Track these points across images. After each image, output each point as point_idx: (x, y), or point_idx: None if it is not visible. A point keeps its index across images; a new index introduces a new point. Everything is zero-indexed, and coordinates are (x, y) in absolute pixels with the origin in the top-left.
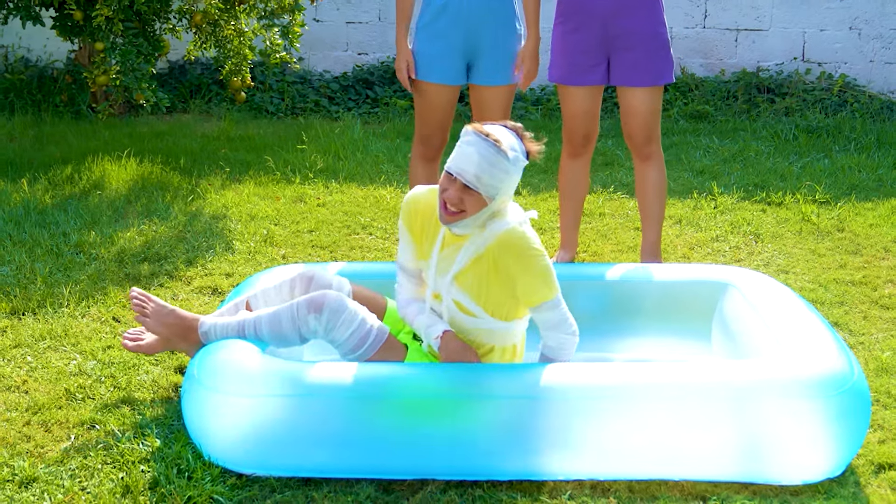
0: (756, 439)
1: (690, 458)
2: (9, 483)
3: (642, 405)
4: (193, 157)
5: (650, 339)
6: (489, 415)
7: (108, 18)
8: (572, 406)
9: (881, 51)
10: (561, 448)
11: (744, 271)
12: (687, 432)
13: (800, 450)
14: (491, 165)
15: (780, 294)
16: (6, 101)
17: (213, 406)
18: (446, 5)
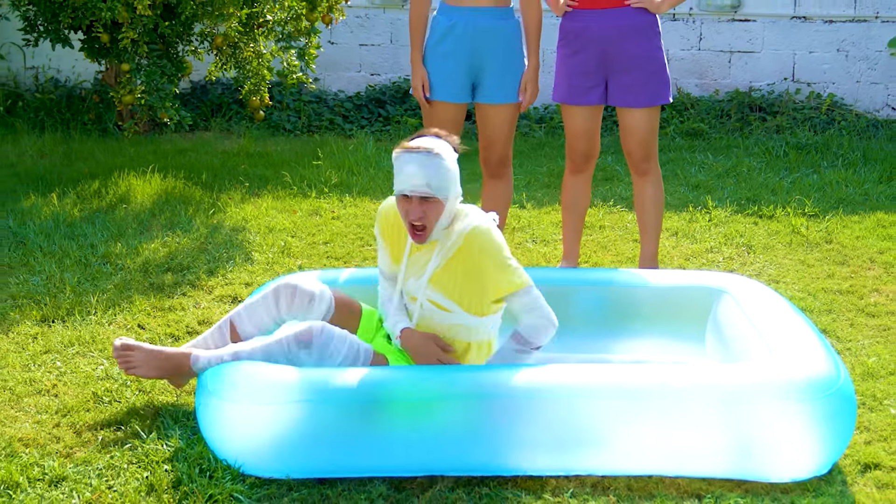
0: (748, 438)
1: (686, 456)
2: (39, 482)
3: (640, 405)
4: (214, 173)
5: (647, 341)
6: (493, 414)
7: (133, 41)
8: (574, 405)
9: (867, 71)
10: (563, 446)
11: (737, 278)
12: (683, 431)
13: (790, 449)
14: (432, 168)
15: (772, 300)
16: (37, 120)
17: (226, 415)
18: (452, 27)
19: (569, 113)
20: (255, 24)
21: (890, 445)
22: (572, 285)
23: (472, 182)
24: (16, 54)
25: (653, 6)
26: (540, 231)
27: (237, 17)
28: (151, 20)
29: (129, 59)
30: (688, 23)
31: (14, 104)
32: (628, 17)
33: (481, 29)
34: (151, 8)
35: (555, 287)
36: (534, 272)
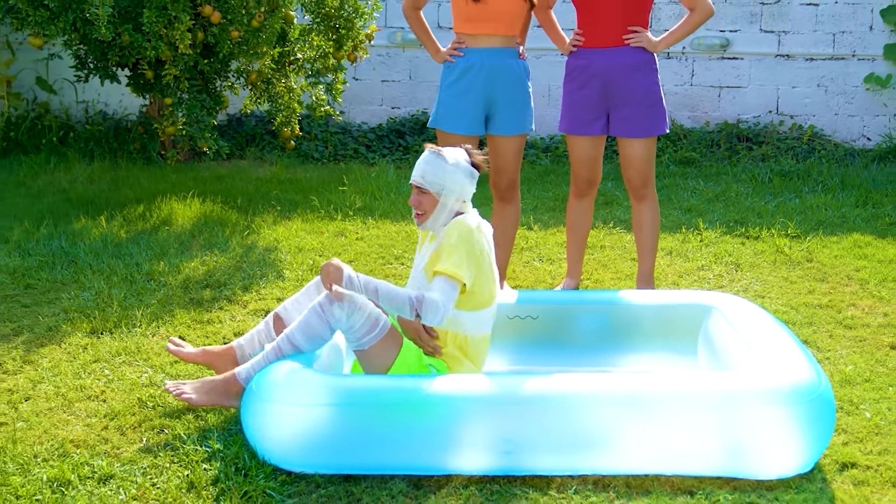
0: (738, 440)
1: (681, 456)
2: (89, 479)
3: (639, 411)
4: (249, 198)
5: (645, 354)
6: (506, 418)
7: (175, 77)
8: (579, 411)
9: (844, 105)
10: (569, 448)
11: (725, 296)
12: (679, 434)
13: (776, 449)
14: (430, 165)
15: (757, 315)
16: (87, 149)
17: (268, 414)
18: (469, 67)
19: (573, 142)
20: (286, 61)
21: (865, 446)
22: (577, 305)
23: (484, 206)
24: (68, 89)
25: (650, 46)
26: (546, 251)
27: (270, 55)
28: (192, 58)
29: (171, 94)
30: (681, 61)
31: (66, 135)
32: (628, 55)
33: (495, 68)
34: (192, 47)
35: (561, 307)
36: (543, 295)
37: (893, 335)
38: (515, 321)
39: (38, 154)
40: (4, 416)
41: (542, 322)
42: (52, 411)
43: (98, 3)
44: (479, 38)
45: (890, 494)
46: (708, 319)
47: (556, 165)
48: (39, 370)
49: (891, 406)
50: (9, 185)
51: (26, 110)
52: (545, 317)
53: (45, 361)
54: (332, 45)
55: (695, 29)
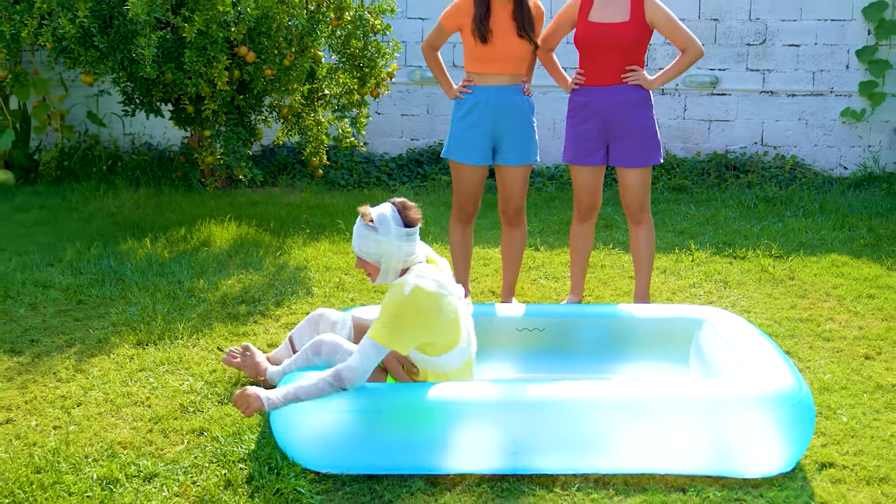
0: (726, 441)
1: (674, 456)
2: (135, 478)
3: (637, 415)
4: (281, 221)
5: (642, 363)
6: (515, 421)
7: (214, 111)
8: (582, 415)
9: (823, 137)
10: (573, 449)
11: (715, 310)
12: (673, 435)
13: (760, 449)
14: (362, 237)
15: (744, 328)
16: (133, 177)
17: (296, 419)
18: (477, 103)
19: (576, 172)
20: (315, 97)
21: (842, 448)
22: (580, 318)
23: (494, 229)
24: (116, 123)
25: (646, 84)
26: (551, 269)
27: (300, 91)
28: (229, 94)
29: (210, 127)
30: (674, 97)
31: (114, 164)
32: (626, 92)
33: (501, 104)
34: (229, 84)
35: (565, 319)
36: (548, 308)
37: (868, 346)
38: (524, 332)
39: (88, 181)
40: (58, 420)
41: (549, 333)
42: (101, 416)
43: (144, 44)
44: (487, 76)
45: (864, 492)
46: (699, 331)
47: (561, 192)
48: (90, 378)
49: (865, 411)
50: (62, 209)
51: (78, 142)
52: (551, 328)
53: (96, 370)
54: (356, 82)
55: (686, 68)
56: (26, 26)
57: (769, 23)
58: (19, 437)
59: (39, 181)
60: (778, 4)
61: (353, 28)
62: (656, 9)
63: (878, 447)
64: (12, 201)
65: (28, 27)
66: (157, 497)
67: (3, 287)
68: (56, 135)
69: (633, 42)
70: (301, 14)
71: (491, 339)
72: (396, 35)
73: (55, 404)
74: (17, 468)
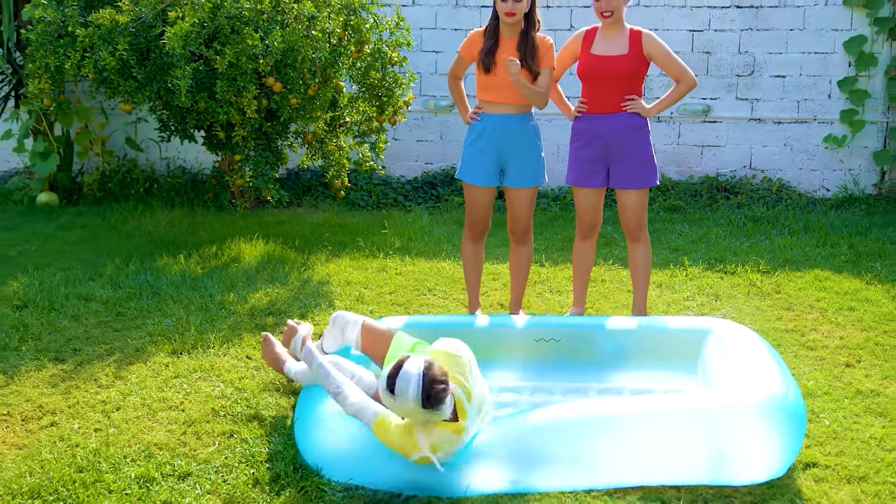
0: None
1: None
2: (170, 476)
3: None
4: (305, 239)
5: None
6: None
7: (243, 137)
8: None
9: (807, 161)
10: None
11: (721, 321)
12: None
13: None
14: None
15: (747, 338)
16: (168, 198)
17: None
18: (485, 130)
19: (578, 193)
20: (337, 124)
21: (824, 449)
22: (594, 329)
23: (503, 247)
24: (153, 148)
25: (644, 112)
26: (555, 284)
27: (323, 119)
28: (257, 121)
29: (240, 152)
30: (670, 124)
31: (151, 186)
32: (625, 120)
33: (507, 130)
34: (257, 112)
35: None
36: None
37: (848, 355)
38: (541, 342)
39: (127, 202)
40: (99, 423)
41: (565, 343)
42: (139, 419)
43: (179, 75)
44: (495, 105)
45: (845, 489)
46: (706, 342)
47: (564, 212)
48: (128, 384)
49: (846, 415)
50: (103, 228)
51: (118, 165)
52: (566, 339)
53: (133, 377)
54: (375, 110)
55: (681, 97)
56: (69, 59)
57: (757, 55)
58: (63, 439)
59: (82, 202)
60: (765, 39)
61: (372, 60)
62: (653, 43)
63: (857, 448)
64: (57, 221)
65: (71, 60)
66: (191, 494)
67: (48, 300)
68: (97, 159)
69: (632, 73)
70: (324, 47)
71: (509, 349)
72: (412, 67)
73: (96, 408)
74: (61, 467)
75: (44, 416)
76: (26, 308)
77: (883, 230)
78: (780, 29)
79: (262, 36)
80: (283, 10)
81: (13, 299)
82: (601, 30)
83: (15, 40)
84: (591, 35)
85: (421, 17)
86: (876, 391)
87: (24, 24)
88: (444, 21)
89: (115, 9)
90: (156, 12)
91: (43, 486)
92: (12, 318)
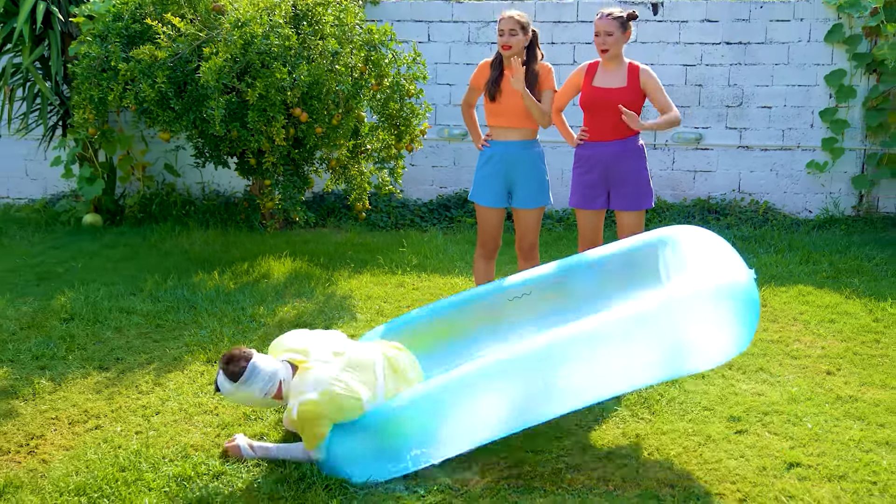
0: (688, 335)
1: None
2: (205, 475)
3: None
4: (329, 257)
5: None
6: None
7: (273, 163)
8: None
9: (791, 185)
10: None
11: (677, 228)
12: (634, 346)
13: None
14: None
15: (702, 238)
16: (204, 219)
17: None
18: (493, 155)
19: (580, 214)
20: (358, 151)
21: (807, 450)
22: (559, 274)
23: (511, 263)
24: (189, 173)
25: (634, 124)
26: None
27: (346, 146)
28: (285, 149)
29: (269, 176)
30: (665, 151)
31: (188, 208)
32: (624, 146)
33: (514, 156)
34: (285, 140)
35: (546, 281)
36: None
37: (829, 364)
38: (515, 301)
39: (166, 223)
40: (139, 426)
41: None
42: (176, 422)
43: (213, 106)
44: (501, 130)
45: (826, 487)
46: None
47: (568, 232)
48: (167, 390)
49: (827, 419)
50: (143, 247)
51: (157, 189)
52: (536, 291)
53: (171, 384)
54: (393, 138)
55: (666, 126)
56: (112, 91)
57: (745, 88)
58: (106, 441)
59: (124, 223)
60: (752, 72)
61: (391, 92)
62: (648, 77)
63: (837, 449)
64: (101, 240)
65: (114, 92)
66: (224, 492)
67: (93, 313)
68: (138, 183)
69: (629, 104)
70: (347, 80)
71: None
72: (428, 98)
73: (137, 413)
74: (105, 467)
75: (89, 420)
76: (73, 320)
77: (861, 249)
78: (766, 63)
79: (289, 70)
80: (309, 46)
81: (61, 312)
82: (602, 64)
83: (62, 74)
84: (594, 68)
85: (436, 52)
86: (854, 397)
87: (71, 59)
88: (457, 56)
89: (154, 45)
90: (192, 48)
91: (88, 484)
92: (60, 329)
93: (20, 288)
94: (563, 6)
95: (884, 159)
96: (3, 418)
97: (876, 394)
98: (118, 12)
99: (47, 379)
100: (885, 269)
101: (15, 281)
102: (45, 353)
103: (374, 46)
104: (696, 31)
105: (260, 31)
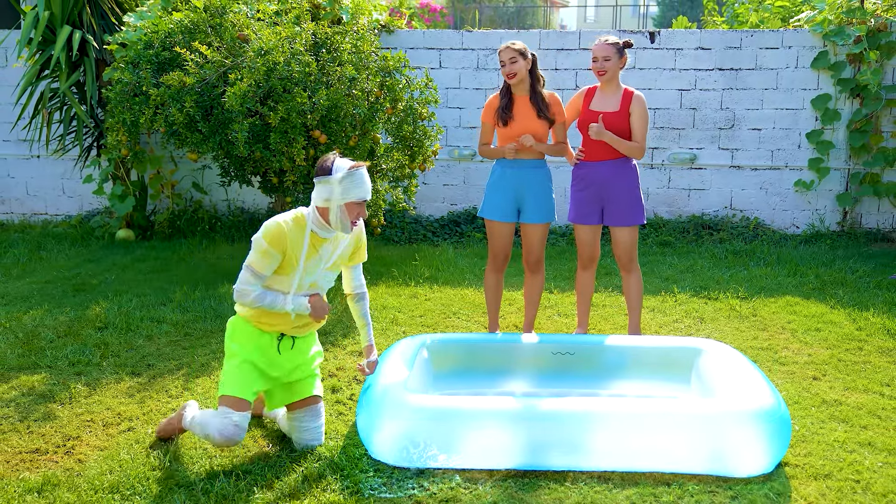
0: (721, 447)
1: (677, 458)
2: (231, 474)
3: (645, 424)
4: None
5: (652, 383)
6: (547, 427)
7: (293, 182)
8: (605, 425)
9: (779, 202)
10: (593, 452)
11: (711, 342)
12: (671, 440)
13: (748, 455)
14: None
15: (735, 357)
16: (229, 234)
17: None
18: (503, 173)
19: (578, 229)
20: (374, 170)
21: (794, 450)
22: (603, 346)
23: (517, 276)
24: (216, 191)
25: (597, 133)
26: (563, 308)
27: None
28: (305, 168)
29: (290, 194)
30: (661, 170)
31: (214, 224)
32: (617, 166)
33: (522, 174)
34: (306, 160)
35: (591, 346)
36: (568, 337)
37: (815, 370)
38: (557, 356)
39: (194, 238)
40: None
41: (578, 356)
42: None
43: (238, 129)
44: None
45: (812, 485)
46: (699, 359)
47: (570, 246)
48: (195, 395)
49: (813, 421)
50: (173, 260)
51: (186, 206)
52: (580, 353)
53: (199, 388)
54: (407, 158)
55: (625, 149)
56: (143, 114)
57: (737, 111)
58: (138, 442)
59: (154, 237)
60: (743, 97)
61: (404, 116)
62: (637, 104)
63: (823, 450)
64: (133, 254)
65: (145, 115)
66: (249, 489)
67: (125, 322)
68: (168, 201)
69: (620, 128)
70: (363, 104)
71: (529, 362)
72: (439, 121)
73: (167, 415)
74: (137, 466)
75: (122, 422)
76: (107, 329)
77: (845, 262)
78: (756, 88)
79: (309, 95)
80: (328, 72)
81: (96, 321)
82: (599, 88)
83: (97, 98)
84: (592, 93)
85: (447, 78)
86: (839, 401)
87: (105, 85)
88: (466, 81)
89: (182, 72)
90: (218, 75)
91: (121, 482)
92: (95, 337)
93: (58, 298)
94: (565, 35)
95: (866, 178)
96: (42, 421)
97: (859, 398)
98: (149, 41)
99: (83, 384)
100: (867, 280)
101: (53, 292)
102: (81, 360)
103: (388, 72)
104: (691, 58)
105: (282, 59)
